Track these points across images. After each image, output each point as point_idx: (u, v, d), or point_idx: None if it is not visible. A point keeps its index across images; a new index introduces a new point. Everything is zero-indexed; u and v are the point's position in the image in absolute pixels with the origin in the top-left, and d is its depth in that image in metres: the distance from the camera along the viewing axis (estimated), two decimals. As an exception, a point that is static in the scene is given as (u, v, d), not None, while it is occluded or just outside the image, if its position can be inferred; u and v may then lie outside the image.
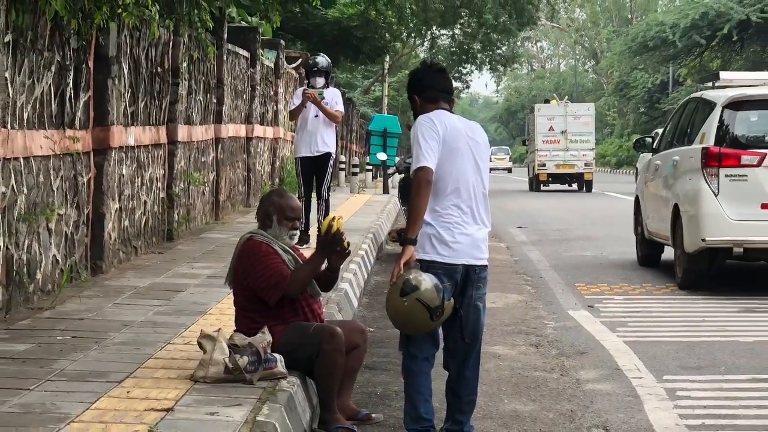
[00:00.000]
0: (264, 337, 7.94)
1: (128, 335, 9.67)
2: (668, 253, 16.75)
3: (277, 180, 29.12)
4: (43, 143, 11.44)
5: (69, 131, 12.30)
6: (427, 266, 7.23)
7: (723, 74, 17.76)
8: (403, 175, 20.47)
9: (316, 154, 16.61)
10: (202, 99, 19.95)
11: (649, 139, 19.01)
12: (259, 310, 8.20)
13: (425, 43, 64.98)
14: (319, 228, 8.49)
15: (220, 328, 8.20)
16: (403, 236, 7.33)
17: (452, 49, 62.58)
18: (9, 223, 10.47)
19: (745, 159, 14.71)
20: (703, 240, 14.72)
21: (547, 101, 57.24)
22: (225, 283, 8.61)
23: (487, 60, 63.45)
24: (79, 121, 12.72)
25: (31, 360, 8.58)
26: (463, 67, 69.05)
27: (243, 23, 28.10)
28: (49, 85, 11.72)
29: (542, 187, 50.42)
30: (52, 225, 11.88)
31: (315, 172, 16.70)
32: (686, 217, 15.17)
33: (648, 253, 18.06)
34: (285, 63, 31.37)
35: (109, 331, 9.78)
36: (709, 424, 8.38)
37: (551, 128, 50.41)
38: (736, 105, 15.15)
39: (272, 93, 29.14)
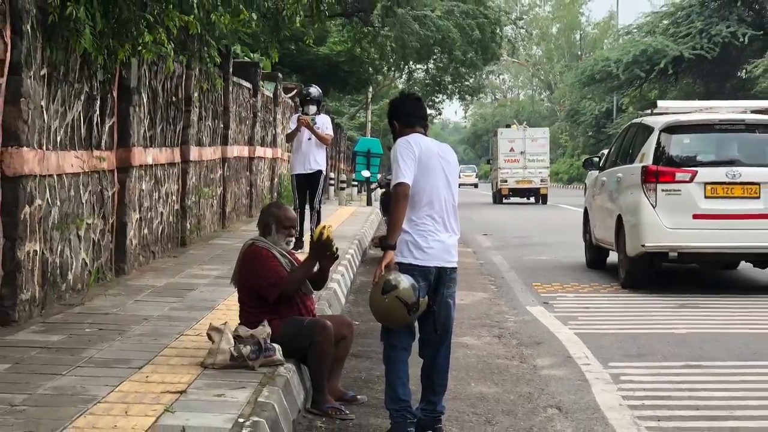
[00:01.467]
0: (264, 330, 7.95)
1: (147, 328, 9.66)
2: (613, 257, 16.78)
3: (275, 194, 29.09)
4: (74, 162, 11.43)
5: (96, 152, 12.30)
6: (404, 268, 7.24)
7: (660, 103, 17.83)
8: (384, 190, 20.47)
9: (309, 171, 16.65)
10: (211, 124, 19.94)
11: (596, 159, 19.03)
12: (260, 306, 8.21)
13: (403, 76, 64.94)
14: (311, 235, 8.47)
15: (226, 322, 8.21)
16: (384, 242, 7.34)
17: (426, 81, 62.60)
18: (44, 231, 10.46)
19: (679, 176, 14.75)
20: (643, 245, 14.76)
21: (508, 126, 57.27)
22: (230, 283, 8.63)
23: (457, 90, 63.52)
24: (104, 143, 12.71)
25: (63, 349, 8.58)
26: (436, 97, 69.13)
27: (246, 59, 28.10)
28: (79, 112, 11.71)
29: (504, 200, 50.43)
30: (82, 233, 11.87)
31: (308, 187, 16.75)
32: (628, 226, 15.21)
33: (595, 257, 18.09)
34: (282, 93, 31.36)
35: (130, 324, 9.78)
36: (648, 404, 8.41)
37: (512, 149, 50.48)
38: (672, 129, 15.20)
39: (271, 119, 29.13)
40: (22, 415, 6.45)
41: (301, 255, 8.82)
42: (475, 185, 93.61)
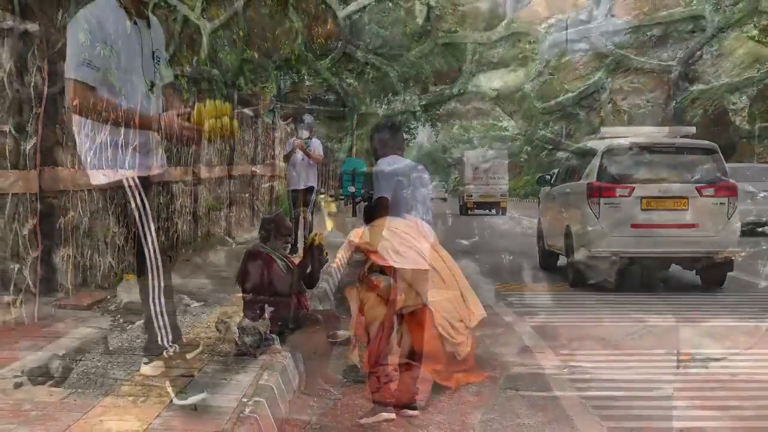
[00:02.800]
0: (264, 322, 7.95)
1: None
2: (562, 260, 16.81)
3: (274, 206, 29.07)
4: (101, 179, 11.40)
5: (120, 170, 12.25)
6: (384, 269, 7.26)
7: (603, 129, 17.88)
8: (367, 203, 20.48)
9: (303, 187, 16.68)
10: (219, 146, 19.92)
11: (549, 177, 19.09)
12: (261, 302, 8.21)
13: (383, 106, 64.98)
14: (305, 241, 8.50)
15: (231, 316, 8.22)
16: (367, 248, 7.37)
17: (403, 110, 62.68)
18: (76, 238, 10.45)
19: (619, 191, 14.80)
20: (588, 251, 14.80)
21: (473, 149, 57.44)
22: (235, 283, 8.63)
23: (429, 118, 63.51)
24: (128, 162, 12.67)
25: (91, 338, 8.56)
26: (411, 124, 69.08)
27: (249, 90, 28.07)
28: (106, 136, 11.68)
29: (469, 212, 50.45)
30: (108, 239, 11.85)
31: (302, 200, 16.75)
32: (576, 234, 15.25)
33: (547, 260, 18.12)
34: (280, 120, 31.34)
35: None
36: (593, 385, 8.44)
37: (476, 168, 50.59)
38: (613, 151, 15.26)
39: (270, 142, 29.11)
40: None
41: (296, 258, 8.83)
42: (445, 199, 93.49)
